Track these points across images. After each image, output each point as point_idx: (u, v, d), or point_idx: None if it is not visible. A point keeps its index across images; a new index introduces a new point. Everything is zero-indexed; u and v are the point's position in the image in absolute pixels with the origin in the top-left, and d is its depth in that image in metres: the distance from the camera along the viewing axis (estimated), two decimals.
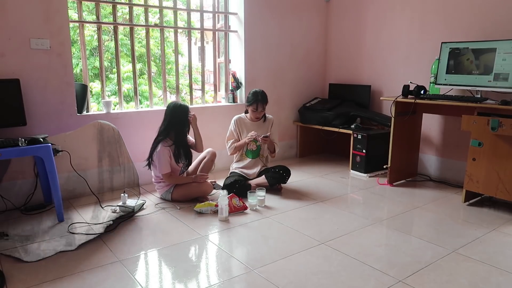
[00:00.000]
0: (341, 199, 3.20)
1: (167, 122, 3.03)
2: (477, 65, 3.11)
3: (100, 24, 3.39)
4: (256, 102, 3.31)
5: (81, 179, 3.05)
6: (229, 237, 2.51)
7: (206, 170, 3.34)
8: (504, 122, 2.69)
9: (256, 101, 3.31)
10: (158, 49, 7.82)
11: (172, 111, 3.03)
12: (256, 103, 3.31)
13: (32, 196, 2.97)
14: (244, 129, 3.42)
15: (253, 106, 3.32)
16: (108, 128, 3.16)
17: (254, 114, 3.37)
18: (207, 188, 3.11)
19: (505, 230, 2.59)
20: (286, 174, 3.36)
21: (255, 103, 3.31)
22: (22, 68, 2.86)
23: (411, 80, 3.55)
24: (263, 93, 3.35)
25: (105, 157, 3.20)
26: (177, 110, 3.03)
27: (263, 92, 3.37)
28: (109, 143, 3.19)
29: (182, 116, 3.03)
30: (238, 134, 3.42)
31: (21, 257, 2.17)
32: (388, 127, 3.74)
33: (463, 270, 2.09)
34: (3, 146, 2.45)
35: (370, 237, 2.49)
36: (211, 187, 3.16)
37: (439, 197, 3.25)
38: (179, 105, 3.06)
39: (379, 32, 4.15)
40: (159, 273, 2.08)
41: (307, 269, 2.09)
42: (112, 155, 3.21)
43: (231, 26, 4.15)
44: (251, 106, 3.33)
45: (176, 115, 3.02)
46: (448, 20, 3.56)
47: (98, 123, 3.13)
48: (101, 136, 3.15)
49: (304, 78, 4.62)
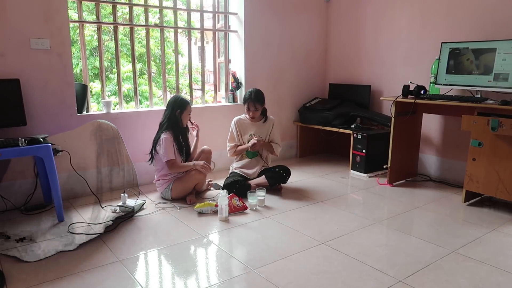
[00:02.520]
0: (341, 199, 3.20)
1: (168, 114, 3.11)
2: (477, 65, 3.11)
3: (100, 24, 3.39)
4: (248, 101, 3.31)
5: (81, 179, 3.05)
6: (229, 237, 2.51)
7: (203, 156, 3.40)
8: (504, 122, 2.69)
9: (248, 100, 3.31)
10: (158, 49, 7.82)
11: (173, 103, 3.12)
12: (248, 103, 3.32)
13: (32, 196, 2.97)
14: (244, 130, 3.42)
15: (246, 105, 3.34)
16: (107, 127, 3.16)
17: (248, 113, 3.37)
18: (200, 175, 3.11)
19: (505, 230, 2.59)
20: (286, 174, 3.36)
21: (247, 102, 3.32)
22: (22, 68, 2.86)
23: (411, 80, 3.55)
24: (257, 92, 3.34)
25: (104, 157, 3.20)
26: (177, 102, 3.12)
27: (258, 91, 3.35)
28: (108, 142, 3.19)
29: (181, 108, 3.12)
30: (238, 136, 3.41)
31: (21, 257, 2.17)
32: (388, 127, 3.74)
33: (463, 270, 2.09)
34: (3, 146, 2.44)
35: (370, 237, 2.49)
36: (204, 175, 3.17)
37: (439, 197, 3.25)
38: (180, 98, 3.16)
39: (379, 32, 4.15)
40: (159, 273, 2.08)
41: (307, 269, 2.09)
42: (111, 154, 3.21)
43: (231, 26, 4.15)
44: (244, 105, 3.35)
45: (176, 107, 3.11)
46: (448, 20, 3.56)
47: (96, 122, 3.13)
48: (99, 135, 3.15)
49: (304, 78, 4.62)
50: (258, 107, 3.33)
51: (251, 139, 3.35)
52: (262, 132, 3.43)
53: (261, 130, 3.43)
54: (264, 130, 3.44)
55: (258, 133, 3.41)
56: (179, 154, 3.11)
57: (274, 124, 3.49)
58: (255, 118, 3.40)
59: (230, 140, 3.43)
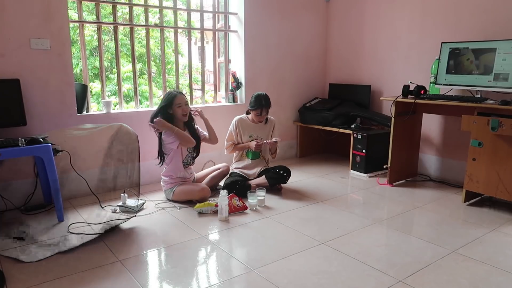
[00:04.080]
0: (341, 199, 3.20)
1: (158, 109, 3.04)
2: (477, 65, 3.11)
3: (100, 24, 3.39)
4: (260, 107, 3.29)
5: (81, 179, 3.05)
6: (229, 237, 2.51)
7: (216, 181, 3.36)
8: (504, 122, 2.69)
9: (260, 107, 3.29)
10: (158, 49, 7.82)
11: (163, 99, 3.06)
12: (261, 108, 3.30)
13: (32, 196, 2.97)
14: (245, 131, 3.41)
15: (257, 111, 3.31)
16: (127, 131, 2.98)
17: (258, 118, 3.36)
18: (205, 193, 3.08)
19: (505, 230, 2.59)
20: (286, 174, 3.36)
21: (259, 109, 3.30)
22: (22, 68, 2.86)
23: (411, 80, 3.55)
24: (266, 97, 3.33)
25: (111, 159, 3.16)
26: (166, 97, 3.05)
27: (267, 96, 3.34)
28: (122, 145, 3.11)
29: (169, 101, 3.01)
30: (238, 136, 3.41)
31: (17, 256, 2.17)
32: (388, 127, 3.74)
33: (463, 270, 2.09)
34: (3, 146, 2.45)
35: (370, 237, 2.49)
36: (209, 192, 3.12)
37: (439, 197, 3.25)
38: (167, 94, 3.07)
39: (379, 32, 4.15)
40: (159, 273, 2.08)
41: (307, 269, 2.09)
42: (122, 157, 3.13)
43: (231, 26, 4.15)
44: (255, 111, 3.32)
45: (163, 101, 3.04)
46: (448, 20, 3.56)
47: (119, 126, 2.98)
48: (115, 138, 3.06)
49: (304, 78, 4.62)
50: (264, 114, 3.35)
51: (252, 140, 3.35)
52: (263, 134, 3.42)
53: (262, 132, 3.43)
54: (265, 131, 3.44)
55: (259, 135, 3.40)
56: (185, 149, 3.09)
57: (275, 124, 3.49)
58: (260, 121, 3.41)
59: (229, 139, 3.42)
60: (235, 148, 3.41)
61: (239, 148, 3.41)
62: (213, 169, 3.40)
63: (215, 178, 3.35)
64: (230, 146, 3.41)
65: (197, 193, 3.05)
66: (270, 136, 3.46)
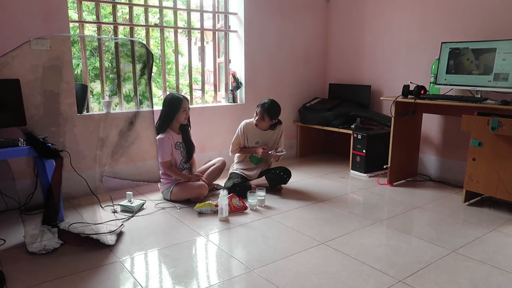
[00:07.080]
0: (341, 199, 3.20)
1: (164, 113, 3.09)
2: (477, 65, 3.11)
3: (100, 24, 3.39)
4: (262, 110, 3.27)
5: (81, 179, 3.05)
6: (229, 237, 2.51)
7: (213, 177, 3.35)
8: (504, 122, 2.69)
9: (262, 109, 3.27)
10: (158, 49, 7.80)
11: (169, 102, 3.10)
12: (262, 111, 3.27)
13: (32, 196, 2.97)
14: (251, 136, 3.38)
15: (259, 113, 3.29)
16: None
17: (259, 121, 3.32)
18: (202, 190, 3.08)
19: (505, 230, 2.59)
20: (286, 176, 3.36)
21: (261, 112, 3.28)
22: (22, 68, 2.86)
23: (411, 80, 3.55)
24: (273, 104, 3.31)
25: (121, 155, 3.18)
26: (172, 101, 3.09)
27: (274, 103, 3.31)
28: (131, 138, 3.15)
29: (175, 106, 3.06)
30: (244, 141, 3.39)
31: None
32: (388, 127, 3.74)
33: (463, 270, 2.09)
34: (3, 146, 2.45)
35: (370, 237, 2.49)
36: (206, 189, 3.13)
37: (439, 197, 3.25)
38: (173, 97, 3.12)
39: (379, 32, 4.15)
40: (159, 273, 2.08)
41: (307, 269, 2.09)
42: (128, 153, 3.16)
43: (231, 26, 4.15)
44: (258, 113, 3.30)
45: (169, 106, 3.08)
46: (448, 20, 3.56)
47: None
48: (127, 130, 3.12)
49: (304, 78, 4.62)
50: (267, 120, 3.31)
51: (258, 146, 3.34)
52: (270, 140, 3.41)
53: (269, 139, 3.41)
54: (272, 138, 3.43)
55: (265, 141, 3.39)
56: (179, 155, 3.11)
57: (282, 133, 3.47)
58: (263, 127, 3.37)
59: (235, 143, 3.38)
60: (241, 151, 3.40)
61: (245, 151, 3.40)
62: (209, 165, 3.40)
63: (212, 174, 3.34)
64: (236, 150, 3.40)
65: (195, 190, 3.06)
66: (276, 143, 3.44)
